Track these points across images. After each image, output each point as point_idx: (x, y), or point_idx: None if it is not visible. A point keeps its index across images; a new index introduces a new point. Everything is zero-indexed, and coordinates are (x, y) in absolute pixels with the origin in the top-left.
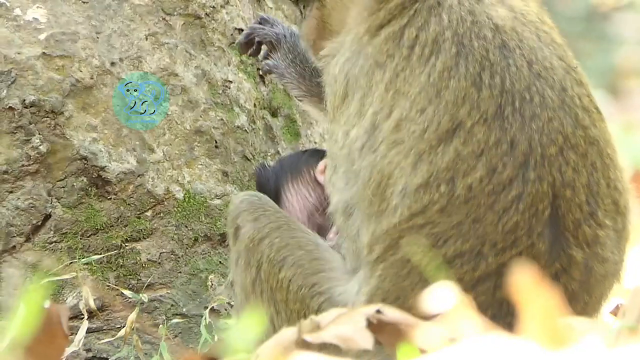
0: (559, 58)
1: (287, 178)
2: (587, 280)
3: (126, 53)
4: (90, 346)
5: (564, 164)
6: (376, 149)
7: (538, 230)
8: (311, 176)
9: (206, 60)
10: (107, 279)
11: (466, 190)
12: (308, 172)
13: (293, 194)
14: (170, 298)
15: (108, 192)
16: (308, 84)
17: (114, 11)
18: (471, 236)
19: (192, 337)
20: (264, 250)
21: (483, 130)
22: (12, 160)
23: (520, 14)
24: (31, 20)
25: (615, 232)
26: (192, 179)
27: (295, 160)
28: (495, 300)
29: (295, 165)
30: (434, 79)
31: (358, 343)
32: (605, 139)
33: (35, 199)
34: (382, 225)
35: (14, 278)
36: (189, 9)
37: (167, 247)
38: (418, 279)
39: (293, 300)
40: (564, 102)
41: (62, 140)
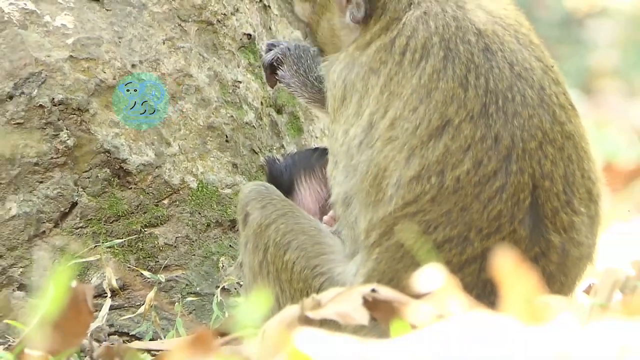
0: (537, 59)
1: (300, 173)
2: (563, 263)
3: (145, 56)
4: (113, 322)
5: (543, 157)
6: (373, 145)
7: (519, 217)
8: (322, 173)
9: (218, 63)
10: (128, 261)
11: (454, 181)
12: (320, 170)
13: (306, 187)
14: (185, 278)
15: (129, 182)
16: (310, 91)
17: (135, 18)
18: (459, 223)
19: (205, 313)
20: (270, 235)
21: (470, 127)
22: (42, 153)
23: (499, 18)
24: (59, 26)
25: (589, 218)
26: (205, 170)
27: (308, 157)
28: (479, 281)
29: (308, 162)
30: (424, 81)
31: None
32: (580, 134)
33: (63, 188)
34: (378, 213)
35: (43, 260)
36: (202, 16)
37: (182, 232)
38: (410, 261)
39: (296, 280)
40: (543, 100)
41: (87, 135)
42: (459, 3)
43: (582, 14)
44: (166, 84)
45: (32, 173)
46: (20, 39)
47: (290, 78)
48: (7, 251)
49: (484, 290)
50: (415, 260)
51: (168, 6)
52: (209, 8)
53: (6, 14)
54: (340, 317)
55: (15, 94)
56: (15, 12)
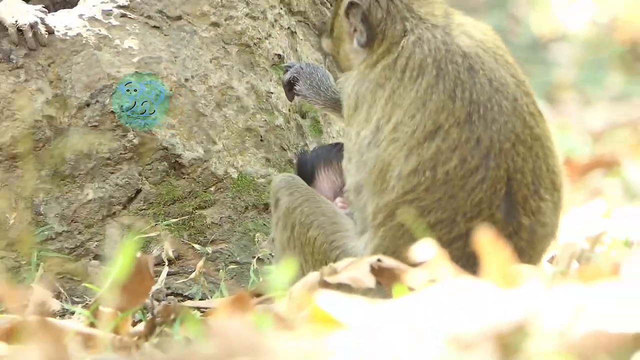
0: (511, 75)
1: (320, 165)
2: (531, 240)
3: (196, 72)
4: (170, 285)
5: (516, 155)
6: (379, 145)
7: (496, 203)
8: (339, 165)
9: (254, 77)
10: (182, 237)
11: (444, 175)
12: (337, 162)
13: (324, 177)
14: (227, 250)
15: (183, 173)
16: (323, 99)
17: (187, 41)
18: (448, 208)
19: (243, 279)
20: (296, 216)
21: (457, 131)
22: (113, 149)
23: (480, 42)
24: (127, 48)
25: (553, 204)
26: (243, 164)
27: (328, 151)
28: (464, 254)
29: (327, 155)
30: (420, 94)
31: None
32: (545, 136)
33: (130, 178)
34: (383, 199)
35: (114, 236)
36: (242, 40)
37: (225, 213)
38: (409, 238)
39: (317, 252)
40: (516, 109)
41: (149, 135)
42: (446, 30)
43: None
44: (213, 94)
45: (105, 166)
46: (95, 58)
47: (306, 90)
48: (85, 228)
49: (468, 261)
50: (413, 237)
51: (214, 32)
52: (247, 33)
53: (84, 38)
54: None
55: (92, 102)
56: (92, 36)
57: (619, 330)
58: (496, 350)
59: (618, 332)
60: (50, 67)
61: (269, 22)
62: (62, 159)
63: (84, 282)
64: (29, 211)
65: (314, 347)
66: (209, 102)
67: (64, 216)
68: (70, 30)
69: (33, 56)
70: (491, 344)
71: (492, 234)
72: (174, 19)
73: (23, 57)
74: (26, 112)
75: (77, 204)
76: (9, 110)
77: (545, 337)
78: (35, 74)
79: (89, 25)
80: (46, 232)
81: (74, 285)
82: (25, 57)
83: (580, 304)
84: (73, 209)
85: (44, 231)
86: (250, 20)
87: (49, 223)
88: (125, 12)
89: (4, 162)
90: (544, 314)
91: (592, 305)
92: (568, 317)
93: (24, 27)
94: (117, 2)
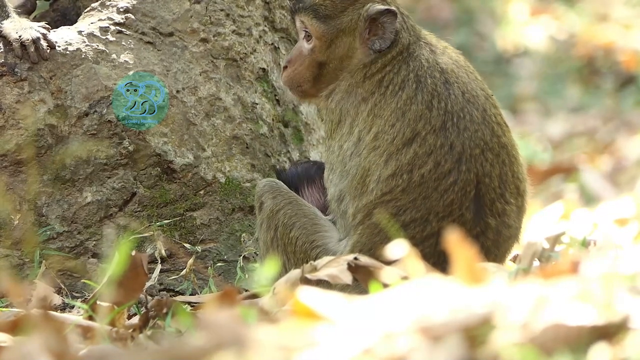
0: (480, 89)
1: (303, 184)
2: (497, 240)
3: (187, 84)
4: (162, 281)
5: (484, 160)
6: (360, 154)
7: (466, 205)
8: (321, 183)
9: (240, 89)
10: (173, 236)
11: (420, 177)
12: (320, 181)
13: (308, 195)
14: (216, 249)
15: (174, 178)
16: None
17: (179, 56)
18: (422, 208)
19: (230, 275)
20: (279, 218)
21: (433, 137)
22: (110, 156)
23: (456, 61)
24: (123, 61)
25: (517, 207)
26: (230, 169)
27: (309, 169)
28: (436, 252)
29: (309, 174)
30: (400, 105)
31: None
32: (511, 144)
33: (125, 182)
34: (362, 201)
35: (111, 235)
36: (229, 54)
37: (214, 215)
38: (384, 236)
39: (299, 251)
40: (485, 119)
41: (143, 143)
42: (432, 49)
43: (510, 54)
44: (202, 104)
45: (103, 171)
46: (94, 71)
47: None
48: (84, 228)
49: (439, 259)
50: (388, 236)
51: (203, 47)
52: (234, 49)
53: (83, 52)
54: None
55: (90, 112)
56: (90, 51)
57: (577, 323)
58: (464, 341)
59: (576, 324)
60: (52, 80)
61: (254, 39)
62: (63, 164)
63: (83, 278)
64: (32, 213)
65: (295, 339)
66: (198, 112)
67: (64, 217)
68: (70, 46)
69: (36, 69)
70: (459, 336)
71: (461, 234)
72: (166, 35)
73: (27, 70)
74: (30, 121)
75: (76, 206)
76: (13, 120)
77: (509, 330)
78: (38, 85)
79: (87, 41)
80: (48, 232)
81: (74, 282)
82: (29, 70)
83: (541, 299)
84: (73, 210)
85: (46, 231)
86: (237, 36)
87: (50, 224)
88: (121, 28)
89: (9, 167)
90: (508, 308)
91: (552, 300)
92: (530, 311)
93: (27, 42)
94: (113, 20)
